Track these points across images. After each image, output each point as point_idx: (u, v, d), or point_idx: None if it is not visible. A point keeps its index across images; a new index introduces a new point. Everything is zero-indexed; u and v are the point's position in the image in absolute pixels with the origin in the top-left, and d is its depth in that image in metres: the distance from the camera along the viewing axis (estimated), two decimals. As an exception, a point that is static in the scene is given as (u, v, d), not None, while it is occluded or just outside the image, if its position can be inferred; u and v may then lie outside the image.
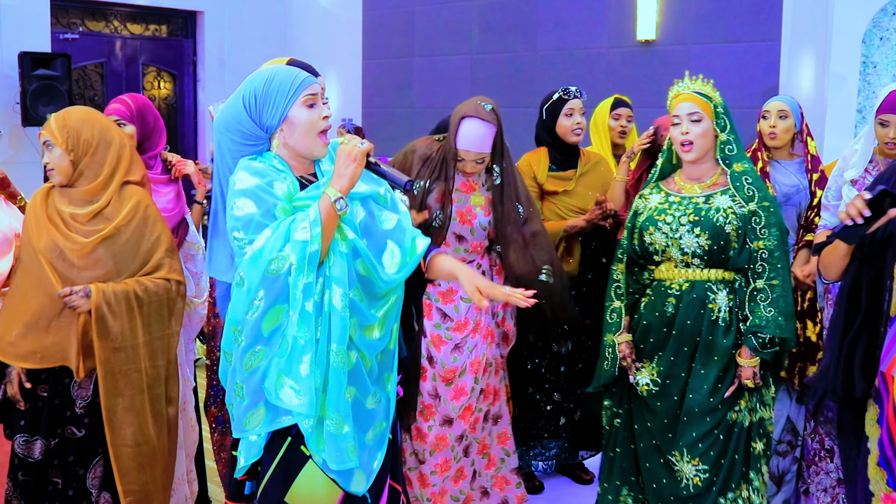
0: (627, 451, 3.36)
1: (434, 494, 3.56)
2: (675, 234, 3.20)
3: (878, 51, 5.53)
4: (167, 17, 8.85)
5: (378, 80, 8.63)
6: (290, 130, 2.37)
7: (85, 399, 3.01)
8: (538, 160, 4.19)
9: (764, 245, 3.13)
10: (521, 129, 7.06)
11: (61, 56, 7.46)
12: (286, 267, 2.22)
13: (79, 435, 3.01)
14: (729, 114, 3.25)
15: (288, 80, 2.36)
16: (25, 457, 2.98)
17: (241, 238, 2.28)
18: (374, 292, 2.40)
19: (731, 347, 3.17)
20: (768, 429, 3.24)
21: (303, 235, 2.22)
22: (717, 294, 3.18)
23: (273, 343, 2.27)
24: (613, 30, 7.07)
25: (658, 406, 3.24)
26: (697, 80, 3.24)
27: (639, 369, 3.28)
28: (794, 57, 6.17)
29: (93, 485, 3.03)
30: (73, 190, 3.03)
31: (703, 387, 3.17)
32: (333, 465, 2.32)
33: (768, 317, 3.10)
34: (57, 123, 3.01)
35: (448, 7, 8.06)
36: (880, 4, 5.55)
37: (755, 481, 3.20)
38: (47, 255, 2.93)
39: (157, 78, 8.87)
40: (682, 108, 3.21)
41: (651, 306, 3.29)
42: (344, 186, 2.30)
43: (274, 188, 2.31)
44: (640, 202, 3.36)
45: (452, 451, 3.56)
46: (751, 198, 3.16)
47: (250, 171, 2.32)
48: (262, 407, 2.31)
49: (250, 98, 2.37)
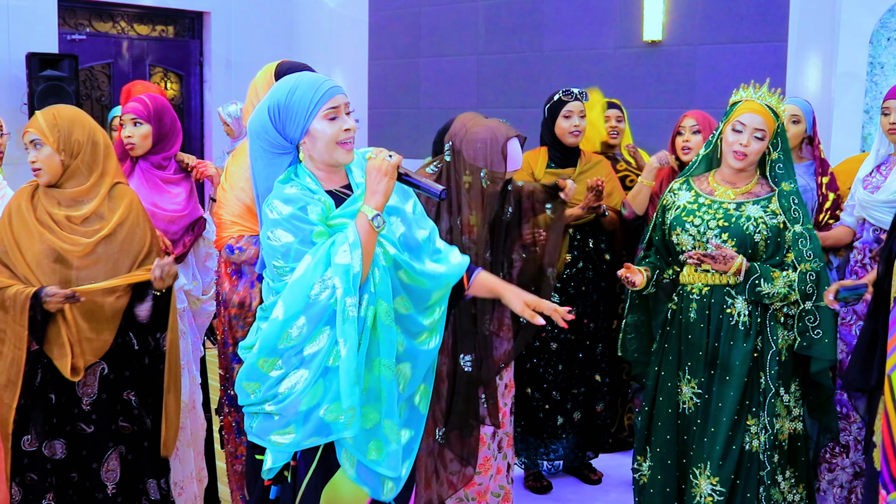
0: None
1: (479, 493, 3.58)
2: (702, 238, 3.18)
3: (885, 51, 5.53)
4: (174, 17, 8.87)
5: (384, 80, 8.64)
6: (312, 143, 2.36)
7: (91, 396, 3.02)
8: (536, 158, 4.21)
9: (811, 268, 3.12)
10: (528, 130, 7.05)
11: (68, 57, 7.49)
12: (329, 291, 2.21)
13: (88, 431, 3.02)
14: (784, 134, 3.22)
15: (309, 94, 2.33)
16: (49, 456, 2.98)
17: (280, 266, 2.28)
18: (421, 301, 2.42)
19: (752, 352, 3.15)
20: (780, 438, 3.19)
21: (344, 259, 2.21)
22: (735, 299, 3.17)
23: (313, 366, 2.25)
24: (620, 30, 7.06)
25: (699, 422, 3.23)
26: (770, 92, 3.18)
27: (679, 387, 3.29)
28: (800, 57, 6.16)
29: (107, 478, 3.06)
30: (60, 191, 2.99)
31: (729, 394, 3.16)
32: (388, 472, 2.33)
33: (817, 340, 3.14)
34: (47, 122, 2.96)
35: (454, 8, 8.06)
36: (888, 5, 5.54)
37: (774, 495, 3.19)
38: (41, 260, 2.89)
39: (163, 79, 8.89)
40: (750, 120, 3.14)
41: (676, 314, 3.29)
42: (379, 202, 2.29)
43: (308, 213, 2.30)
44: (669, 197, 3.34)
45: (489, 448, 3.59)
46: (797, 220, 3.15)
47: (283, 199, 2.31)
48: (292, 427, 2.30)
49: (274, 110, 2.36)
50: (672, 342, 3.30)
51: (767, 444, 3.15)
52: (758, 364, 3.17)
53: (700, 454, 3.20)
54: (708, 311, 3.19)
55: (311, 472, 2.35)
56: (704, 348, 3.20)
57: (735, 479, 3.16)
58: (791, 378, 3.20)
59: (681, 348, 3.27)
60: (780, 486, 3.20)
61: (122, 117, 3.60)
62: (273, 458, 2.39)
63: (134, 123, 3.57)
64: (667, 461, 3.29)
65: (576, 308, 4.17)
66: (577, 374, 4.24)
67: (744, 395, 3.15)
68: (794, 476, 3.24)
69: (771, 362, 3.15)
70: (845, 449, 3.74)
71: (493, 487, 3.62)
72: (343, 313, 2.20)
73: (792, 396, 3.20)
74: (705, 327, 3.20)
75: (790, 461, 3.23)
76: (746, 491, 3.16)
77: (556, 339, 4.18)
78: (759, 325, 3.17)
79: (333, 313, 2.22)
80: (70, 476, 3.02)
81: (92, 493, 3.05)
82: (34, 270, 2.90)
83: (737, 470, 3.15)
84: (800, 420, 3.24)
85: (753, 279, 3.08)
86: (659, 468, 3.31)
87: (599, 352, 4.28)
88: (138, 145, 3.57)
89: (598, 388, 4.31)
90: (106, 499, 3.06)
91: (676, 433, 3.29)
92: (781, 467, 3.20)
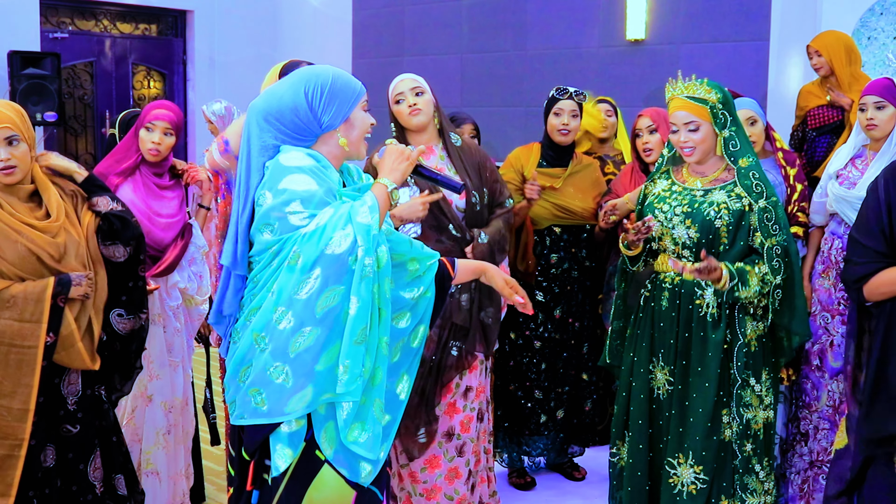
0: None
1: (426, 490, 3.57)
2: (668, 224, 3.23)
3: (865, 50, 5.58)
4: (157, 16, 8.84)
5: (368, 79, 8.54)
6: (349, 130, 2.43)
7: (76, 394, 2.94)
8: (528, 154, 4.20)
9: (778, 241, 3.16)
10: (511, 128, 7.08)
11: (51, 55, 7.46)
12: (348, 247, 2.21)
13: (74, 431, 2.93)
14: (730, 105, 3.19)
15: (352, 83, 2.44)
16: (41, 464, 2.86)
17: (298, 211, 2.25)
18: (401, 275, 2.49)
19: (722, 343, 3.19)
20: (754, 427, 3.23)
21: (365, 219, 2.24)
22: (704, 290, 3.21)
23: (325, 324, 2.23)
24: (603, 29, 7.09)
25: (672, 411, 3.26)
26: (690, 83, 3.19)
27: (652, 373, 3.32)
28: (782, 56, 6.21)
29: (94, 477, 2.99)
30: (16, 188, 2.86)
31: (704, 385, 3.20)
32: (366, 453, 2.31)
33: (786, 311, 3.19)
34: (17, 115, 2.82)
35: (438, 7, 8.07)
36: (868, 4, 5.59)
37: (750, 483, 3.22)
38: (20, 267, 2.80)
39: (146, 77, 8.87)
40: (677, 118, 3.20)
41: (648, 300, 3.34)
42: (397, 179, 2.41)
43: (329, 173, 2.35)
44: (649, 186, 3.40)
45: (440, 447, 3.57)
46: (760, 194, 3.16)
47: (303, 152, 2.34)
48: (310, 388, 2.25)
49: (315, 92, 2.37)
50: (645, 328, 3.34)
51: (739, 434, 3.19)
52: (727, 355, 3.21)
53: (678, 443, 3.23)
54: (679, 301, 3.24)
55: (287, 478, 2.31)
56: (675, 337, 3.25)
57: (714, 466, 3.20)
58: (762, 368, 3.24)
59: (654, 335, 3.32)
60: (759, 476, 3.23)
61: (155, 123, 3.53)
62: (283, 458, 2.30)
63: (165, 133, 3.55)
64: (638, 445, 3.34)
65: (560, 307, 4.20)
66: (561, 373, 4.25)
67: (719, 386, 3.19)
68: (769, 465, 3.28)
69: (738, 353, 3.19)
70: (804, 437, 3.78)
71: (446, 489, 3.61)
72: (362, 271, 2.21)
73: (763, 385, 3.24)
74: (676, 316, 3.25)
75: (766, 450, 3.27)
76: (722, 480, 3.20)
77: (540, 338, 4.20)
78: (728, 316, 3.21)
79: (348, 271, 2.22)
80: (53, 484, 2.90)
81: (78, 497, 2.95)
82: (21, 272, 2.81)
83: (715, 459, 3.20)
84: (771, 408, 3.27)
85: (732, 286, 3.11)
86: (632, 452, 3.35)
87: (586, 351, 4.30)
88: (162, 154, 3.57)
89: (586, 387, 4.33)
90: (95, 499, 2.99)
91: (649, 418, 3.33)
92: (758, 456, 3.24)
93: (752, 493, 3.22)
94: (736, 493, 3.20)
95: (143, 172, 3.58)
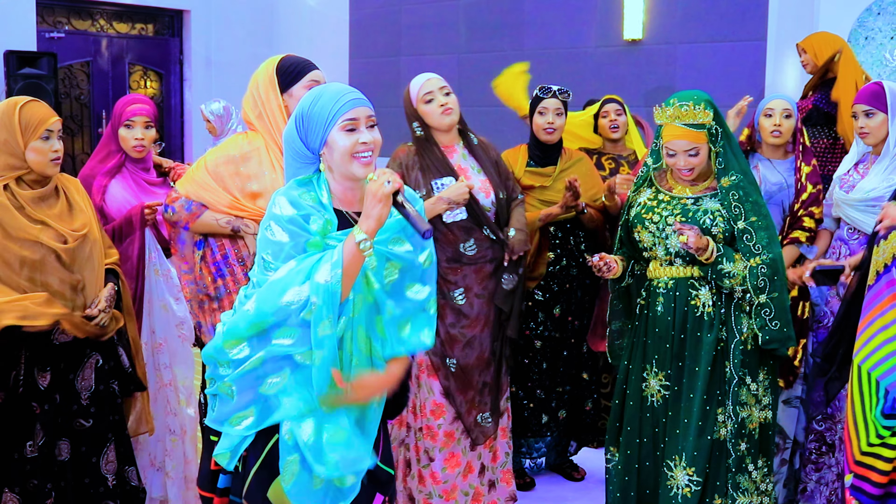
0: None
1: (445, 491, 3.59)
2: (661, 234, 3.23)
3: (863, 50, 5.58)
4: (153, 15, 8.83)
5: (365, 79, 8.63)
6: (330, 154, 2.34)
7: (89, 389, 3.02)
8: (516, 156, 4.20)
9: (761, 260, 3.16)
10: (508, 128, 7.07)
11: (47, 55, 7.45)
12: (303, 302, 2.20)
13: (87, 425, 3.02)
14: (720, 117, 3.20)
15: (329, 104, 2.32)
16: (56, 458, 2.96)
17: (268, 261, 2.29)
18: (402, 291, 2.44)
19: (716, 342, 3.20)
20: (749, 427, 3.23)
21: (323, 277, 2.20)
22: (699, 290, 3.22)
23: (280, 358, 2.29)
24: (600, 29, 7.09)
25: (669, 414, 3.27)
26: (687, 110, 3.13)
27: (646, 380, 3.32)
28: (779, 56, 6.21)
29: (107, 470, 3.07)
30: (39, 182, 2.96)
31: (697, 384, 3.20)
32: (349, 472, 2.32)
33: (775, 331, 3.18)
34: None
35: (435, 6, 8.07)
36: (865, 4, 5.60)
37: (742, 483, 3.23)
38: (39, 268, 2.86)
39: (143, 77, 8.86)
40: (677, 146, 3.15)
41: (642, 308, 3.34)
42: (371, 227, 2.23)
43: (310, 223, 2.30)
44: (632, 195, 3.40)
45: (459, 444, 3.60)
46: (738, 216, 3.17)
47: (290, 200, 2.32)
48: (252, 409, 2.31)
49: (299, 119, 2.36)
50: (639, 336, 3.35)
51: (734, 433, 3.20)
52: (723, 353, 3.21)
53: (674, 446, 3.24)
54: (674, 304, 3.24)
55: (256, 466, 2.34)
56: (671, 341, 3.25)
57: (707, 469, 3.20)
58: (759, 367, 3.24)
59: (647, 342, 3.32)
60: (753, 476, 3.23)
61: (135, 119, 3.54)
62: (232, 450, 2.38)
63: (146, 127, 3.56)
64: (626, 451, 3.35)
65: (560, 305, 4.19)
66: (562, 373, 4.25)
67: (711, 385, 3.20)
68: (767, 465, 3.28)
69: (734, 351, 3.20)
70: (831, 448, 3.76)
71: (462, 486, 3.62)
72: (315, 334, 2.22)
73: (760, 385, 3.24)
74: (672, 320, 3.25)
75: (762, 450, 3.27)
76: (716, 480, 3.21)
77: (541, 337, 4.19)
78: (724, 315, 3.22)
79: (304, 321, 2.23)
80: (68, 477, 2.99)
81: (90, 490, 3.04)
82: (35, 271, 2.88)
83: (708, 459, 3.20)
84: (769, 409, 3.27)
85: (717, 257, 3.13)
86: (623, 459, 3.37)
87: (586, 350, 4.29)
88: (147, 149, 3.59)
89: (587, 386, 4.32)
90: (108, 491, 3.07)
91: (640, 425, 3.34)
92: (752, 456, 3.23)
93: (744, 493, 3.22)
94: (728, 492, 3.21)
95: (129, 169, 3.59)
